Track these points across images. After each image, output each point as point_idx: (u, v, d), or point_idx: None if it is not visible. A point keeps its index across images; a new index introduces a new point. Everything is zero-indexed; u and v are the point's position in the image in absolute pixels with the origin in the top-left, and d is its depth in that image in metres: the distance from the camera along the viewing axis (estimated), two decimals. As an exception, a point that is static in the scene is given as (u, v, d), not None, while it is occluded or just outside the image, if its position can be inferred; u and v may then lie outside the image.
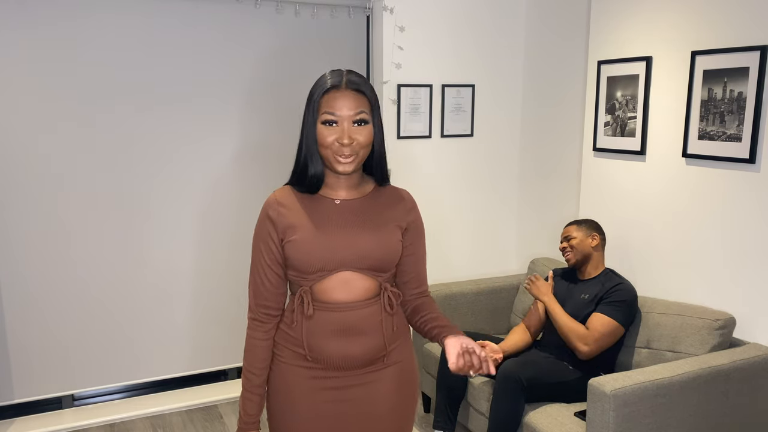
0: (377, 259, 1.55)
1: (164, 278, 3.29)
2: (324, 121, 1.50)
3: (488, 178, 3.74)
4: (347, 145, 1.49)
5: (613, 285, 2.63)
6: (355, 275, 1.56)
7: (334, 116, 1.49)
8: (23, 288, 3.04)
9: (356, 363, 1.59)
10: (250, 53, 3.28)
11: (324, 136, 1.50)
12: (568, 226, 2.82)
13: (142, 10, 3.04)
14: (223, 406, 3.34)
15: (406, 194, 1.67)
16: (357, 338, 1.57)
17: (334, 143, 1.49)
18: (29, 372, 3.11)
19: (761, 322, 2.44)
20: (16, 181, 2.96)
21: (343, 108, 1.49)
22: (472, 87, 3.59)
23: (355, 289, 1.56)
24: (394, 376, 1.63)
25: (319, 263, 1.53)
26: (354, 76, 1.53)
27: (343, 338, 1.56)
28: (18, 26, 2.85)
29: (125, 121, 3.10)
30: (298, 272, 1.57)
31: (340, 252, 1.54)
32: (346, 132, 1.49)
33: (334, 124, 1.50)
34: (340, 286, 1.55)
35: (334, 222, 1.56)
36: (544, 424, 2.40)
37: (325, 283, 1.55)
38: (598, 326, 2.54)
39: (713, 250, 2.58)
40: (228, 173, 3.34)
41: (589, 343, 2.53)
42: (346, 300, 1.56)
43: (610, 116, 3.01)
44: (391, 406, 1.64)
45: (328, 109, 1.50)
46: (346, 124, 1.49)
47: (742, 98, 2.41)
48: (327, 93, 1.51)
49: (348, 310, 1.56)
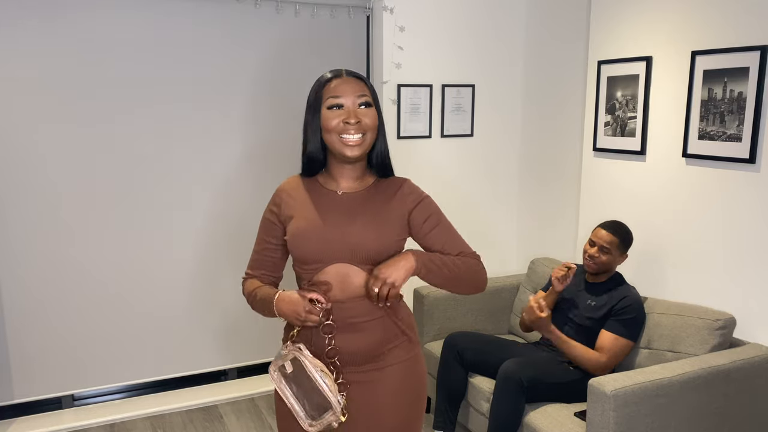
0: (373, 251, 1.55)
1: (164, 278, 3.29)
2: (330, 106, 1.52)
3: (488, 178, 3.74)
4: (353, 125, 1.50)
5: (622, 298, 2.58)
6: (352, 269, 1.56)
7: (339, 99, 1.52)
8: (23, 288, 3.04)
9: (361, 359, 1.59)
10: (250, 53, 3.28)
11: (329, 119, 1.52)
12: (608, 235, 2.61)
13: (142, 9, 3.04)
14: (223, 406, 3.34)
15: (402, 180, 1.67)
16: (356, 335, 1.57)
17: (340, 124, 1.51)
18: (29, 372, 3.11)
19: (761, 322, 2.44)
20: (16, 181, 2.96)
21: (347, 91, 1.52)
22: (472, 87, 3.59)
23: (350, 284, 1.56)
24: (397, 376, 1.62)
25: (314, 254, 1.55)
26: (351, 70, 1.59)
27: (343, 334, 1.57)
28: (18, 25, 2.85)
29: (125, 121, 3.10)
30: (298, 262, 1.60)
31: (336, 243, 1.55)
32: (352, 112, 1.51)
33: (339, 107, 1.52)
34: (335, 281, 1.56)
35: (335, 212, 1.58)
36: (544, 424, 2.40)
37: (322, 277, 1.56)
38: (614, 348, 2.52)
39: (713, 250, 2.58)
40: (228, 172, 3.34)
41: (607, 369, 2.52)
42: (340, 297, 1.56)
43: (610, 116, 3.00)
44: (392, 408, 1.62)
45: (332, 94, 1.52)
46: (351, 106, 1.52)
47: (742, 98, 2.41)
48: (329, 82, 1.55)
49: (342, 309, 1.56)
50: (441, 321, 3.18)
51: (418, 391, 1.68)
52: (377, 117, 1.56)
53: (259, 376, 3.60)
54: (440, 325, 3.18)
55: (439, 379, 2.82)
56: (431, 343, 3.16)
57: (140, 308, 3.27)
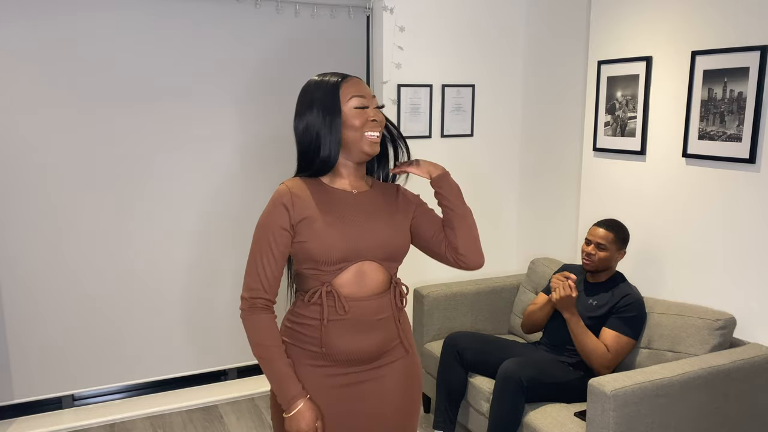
0: (397, 246, 1.61)
1: (164, 278, 3.29)
2: (356, 106, 1.57)
3: (488, 178, 3.74)
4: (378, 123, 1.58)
5: (623, 296, 2.59)
6: (372, 266, 1.59)
7: (364, 100, 1.58)
8: (23, 288, 3.04)
9: (368, 358, 1.60)
10: (250, 53, 3.28)
11: (355, 117, 1.56)
12: (603, 231, 2.64)
13: (141, 9, 3.04)
14: (223, 406, 3.34)
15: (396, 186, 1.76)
16: (369, 333, 1.58)
17: (367, 122, 1.56)
18: (29, 372, 3.11)
19: (761, 322, 2.44)
20: (15, 181, 2.96)
21: (368, 92, 1.60)
22: (472, 87, 3.59)
23: (369, 282, 1.58)
24: (402, 369, 1.66)
25: (341, 254, 1.54)
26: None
27: (356, 333, 1.57)
28: (17, 24, 2.85)
29: (124, 121, 3.10)
30: (317, 264, 1.54)
31: (363, 241, 1.56)
32: (374, 111, 1.59)
33: (364, 108, 1.58)
34: (354, 280, 1.57)
35: (354, 212, 1.59)
36: (544, 424, 2.40)
37: (343, 277, 1.56)
38: (617, 346, 2.52)
39: (713, 250, 2.58)
40: (228, 172, 3.34)
41: (611, 366, 2.52)
42: (359, 295, 1.57)
43: (610, 116, 3.00)
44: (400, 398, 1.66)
45: (357, 94, 1.57)
46: (372, 105, 1.59)
47: (742, 98, 2.41)
48: (343, 83, 1.58)
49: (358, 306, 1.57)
50: (441, 321, 3.18)
51: (418, 378, 1.73)
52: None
53: (259, 376, 3.60)
54: (440, 325, 3.18)
55: (439, 379, 2.82)
56: (431, 343, 3.15)
57: (140, 308, 3.27)
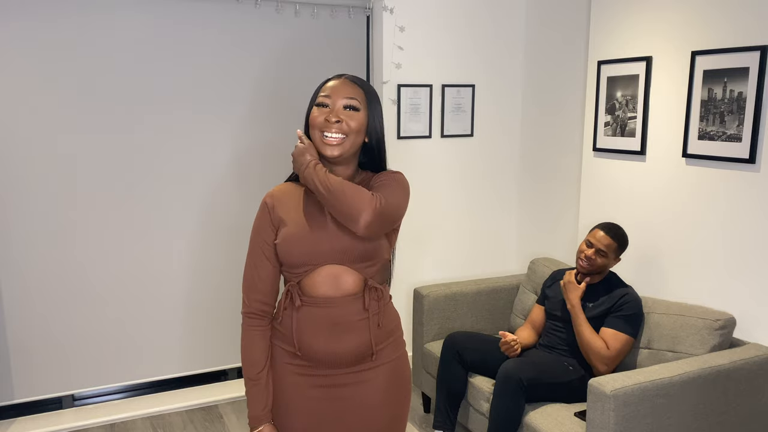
0: (363, 249, 1.56)
1: (164, 278, 3.29)
2: (318, 104, 1.57)
3: (488, 178, 3.74)
4: (334, 123, 1.53)
5: (621, 296, 2.59)
6: (343, 269, 1.57)
7: (327, 98, 1.56)
8: (23, 288, 3.03)
9: (344, 360, 1.59)
10: (250, 53, 3.28)
11: (314, 116, 1.56)
12: (607, 239, 2.62)
13: (141, 10, 3.04)
14: (223, 406, 3.34)
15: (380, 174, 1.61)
16: (344, 335, 1.57)
17: (322, 121, 1.54)
18: (29, 372, 3.11)
19: (761, 322, 2.44)
20: (16, 181, 2.96)
21: (336, 92, 1.56)
22: (472, 87, 3.59)
23: (343, 284, 1.57)
24: (384, 377, 1.63)
25: (303, 257, 1.55)
26: (355, 76, 1.62)
27: (330, 334, 1.57)
28: (19, 26, 2.85)
29: (124, 121, 3.10)
30: (286, 266, 1.59)
31: (323, 245, 1.55)
32: (335, 111, 1.54)
33: (325, 106, 1.56)
34: (327, 281, 1.56)
35: (322, 215, 1.58)
36: (544, 424, 2.40)
37: (313, 278, 1.56)
38: (616, 344, 2.52)
39: (713, 250, 2.58)
40: (228, 173, 3.34)
41: (610, 364, 2.52)
42: (333, 295, 1.57)
43: (610, 116, 3.01)
44: (382, 406, 1.63)
45: (323, 93, 1.57)
46: (337, 106, 1.55)
47: (742, 98, 2.41)
48: (327, 82, 1.59)
49: (334, 306, 1.57)
50: (441, 321, 3.18)
51: (405, 388, 1.70)
52: (363, 122, 1.56)
53: (259, 376, 3.60)
54: (440, 325, 3.18)
55: (439, 379, 2.82)
56: (431, 343, 3.16)
57: (140, 308, 3.27)
